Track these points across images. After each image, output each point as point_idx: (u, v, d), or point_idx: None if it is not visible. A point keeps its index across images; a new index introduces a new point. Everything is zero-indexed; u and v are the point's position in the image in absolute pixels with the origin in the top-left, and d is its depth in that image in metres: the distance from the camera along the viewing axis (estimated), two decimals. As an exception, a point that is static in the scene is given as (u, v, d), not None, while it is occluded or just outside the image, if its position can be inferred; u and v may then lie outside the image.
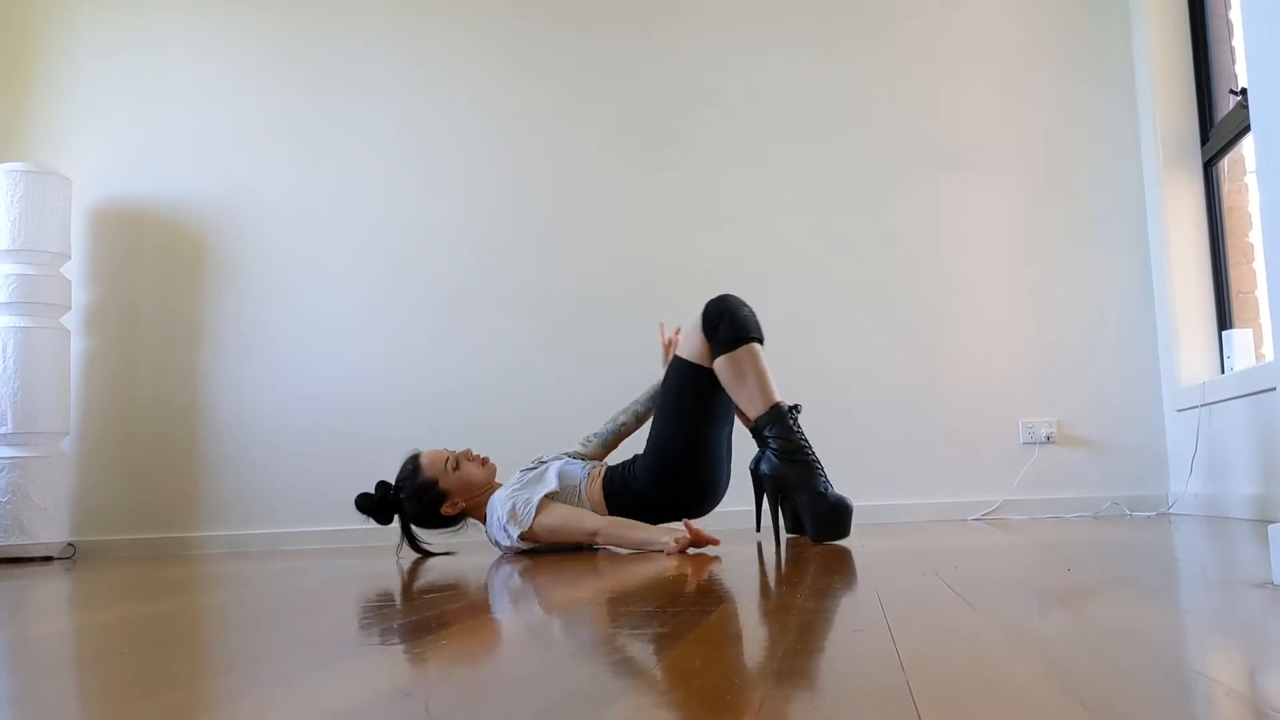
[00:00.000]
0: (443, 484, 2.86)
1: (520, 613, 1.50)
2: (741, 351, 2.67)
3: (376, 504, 2.92)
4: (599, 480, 2.87)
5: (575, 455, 3.02)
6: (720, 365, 2.70)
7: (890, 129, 4.02)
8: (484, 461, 2.93)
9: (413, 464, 2.91)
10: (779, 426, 2.63)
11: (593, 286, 4.05)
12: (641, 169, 4.10)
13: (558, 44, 4.18)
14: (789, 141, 4.05)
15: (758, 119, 4.07)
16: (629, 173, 4.10)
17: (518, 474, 2.90)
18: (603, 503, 2.84)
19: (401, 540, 2.92)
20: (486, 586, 1.95)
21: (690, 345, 2.78)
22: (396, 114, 4.22)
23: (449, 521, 2.91)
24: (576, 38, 4.18)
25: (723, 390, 2.76)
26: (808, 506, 2.60)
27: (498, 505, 2.81)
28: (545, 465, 2.90)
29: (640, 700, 0.84)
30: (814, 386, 3.75)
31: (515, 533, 2.75)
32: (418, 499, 2.86)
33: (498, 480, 2.98)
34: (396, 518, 2.94)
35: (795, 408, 2.69)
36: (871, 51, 4.06)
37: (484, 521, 2.89)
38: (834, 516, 2.59)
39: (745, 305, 2.76)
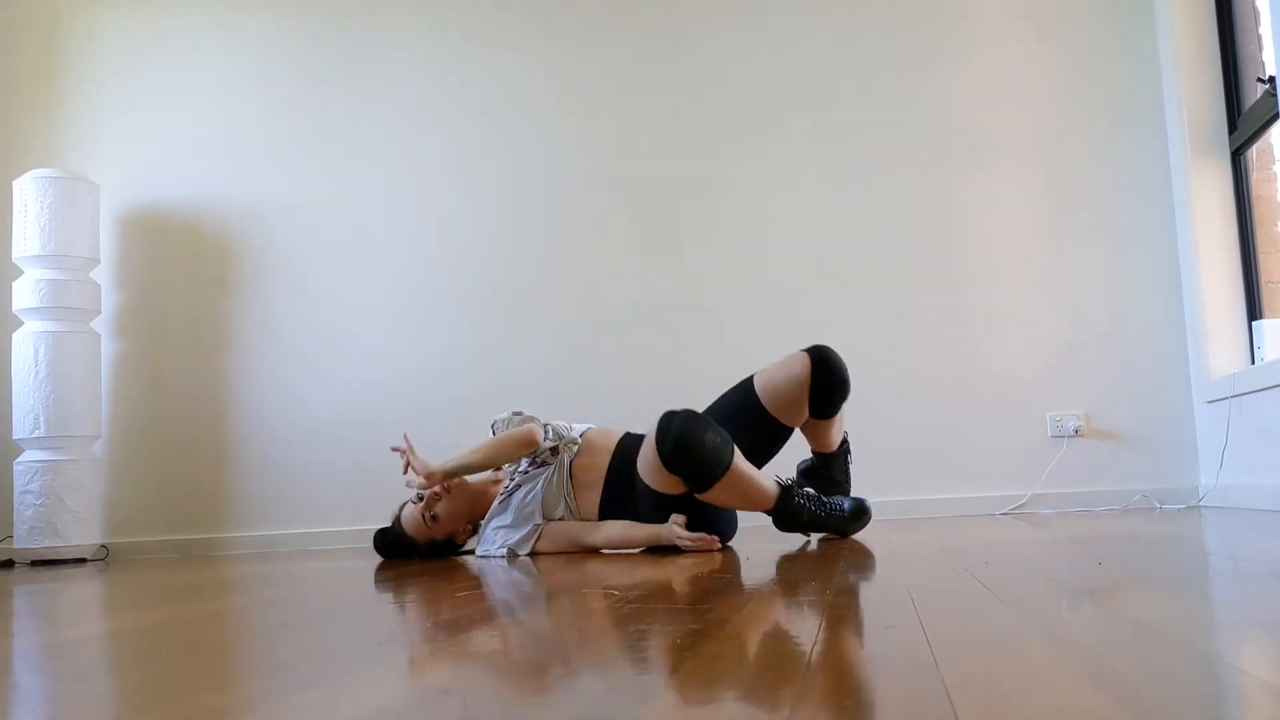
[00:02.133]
0: (440, 535, 2.88)
1: (552, 612, 1.51)
2: (717, 488, 2.52)
3: (391, 544, 2.96)
4: (593, 492, 2.75)
5: (538, 464, 2.83)
6: (708, 499, 2.56)
7: (913, 123, 3.99)
8: (448, 489, 2.86)
9: (402, 534, 2.90)
10: (785, 514, 2.63)
11: (620, 288, 4.05)
12: (666, 170, 4.09)
13: (583, 41, 4.18)
14: (813, 142, 4.03)
15: (784, 120, 4.06)
16: (653, 174, 4.09)
17: (499, 501, 2.84)
18: (596, 509, 2.76)
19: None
20: (514, 586, 1.96)
21: (649, 468, 2.58)
22: (421, 118, 4.23)
23: (469, 537, 2.95)
24: (603, 35, 4.18)
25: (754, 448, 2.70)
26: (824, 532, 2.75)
27: (489, 538, 2.81)
28: (521, 495, 2.80)
29: (674, 697, 0.84)
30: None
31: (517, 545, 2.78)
32: (434, 551, 2.91)
33: (493, 475, 2.94)
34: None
35: (844, 446, 2.86)
36: (895, 47, 4.03)
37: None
38: (849, 531, 2.74)
39: (703, 433, 2.48)
